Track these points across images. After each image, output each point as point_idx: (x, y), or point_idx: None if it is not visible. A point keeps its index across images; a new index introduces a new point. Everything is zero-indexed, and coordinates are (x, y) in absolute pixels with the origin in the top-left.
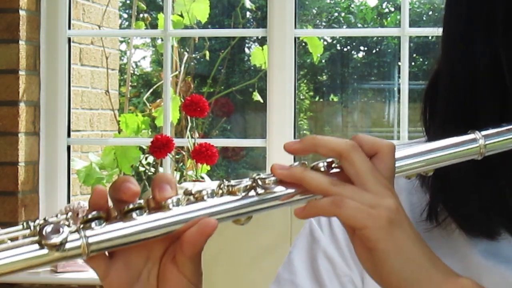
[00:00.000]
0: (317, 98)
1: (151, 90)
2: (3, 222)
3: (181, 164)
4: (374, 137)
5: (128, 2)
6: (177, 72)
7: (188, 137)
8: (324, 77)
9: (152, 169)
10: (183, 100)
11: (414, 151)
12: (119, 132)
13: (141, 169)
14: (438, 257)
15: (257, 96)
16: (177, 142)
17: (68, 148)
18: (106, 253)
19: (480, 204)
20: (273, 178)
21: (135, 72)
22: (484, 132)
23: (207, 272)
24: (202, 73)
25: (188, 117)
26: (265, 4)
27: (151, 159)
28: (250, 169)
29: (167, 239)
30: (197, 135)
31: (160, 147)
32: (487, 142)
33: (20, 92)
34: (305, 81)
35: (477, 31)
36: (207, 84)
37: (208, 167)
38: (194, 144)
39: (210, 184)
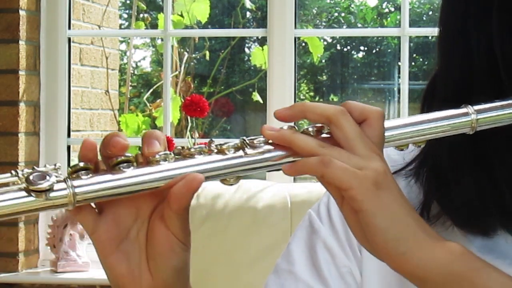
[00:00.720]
0: (317, 98)
1: (151, 90)
2: (3, 222)
3: None
4: (363, 104)
5: (128, 2)
6: (177, 72)
7: (188, 137)
8: (324, 77)
9: None
10: (183, 100)
11: (406, 122)
12: None
13: None
14: (426, 223)
15: (257, 96)
16: (177, 142)
17: (68, 148)
18: (94, 207)
19: (476, 201)
20: (262, 139)
21: (135, 72)
22: (476, 107)
23: (207, 272)
24: (202, 73)
25: (188, 117)
26: (265, 4)
27: None
28: None
29: (155, 197)
30: (197, 135)
31: None
32: (479, 117)
33: (20, 92)
34: (305, 81)
35: (473, 27)
36: (207, 84)
37: None
38: (194, 144)
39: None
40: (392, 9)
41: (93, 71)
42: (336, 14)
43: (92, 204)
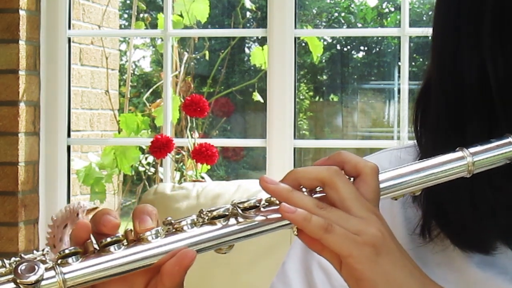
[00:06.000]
0: (317, 98)
1: (151, 90)
2: (3, 222)
3: (181, 164)
4: (357, 156)
5: (128, 2)
6: (177, 72)
7: (188, 137)
8: (324, 77)
9: (152, 169)
10: (183, 100)
11: (401, 172)
12: (119, 132)
13: (141, 169)
14: (429, 279)
15: (257, 96)
16: (177, 142)
17: (68, 148)
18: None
19: (473, 220)
20: (253, 202)
21: (135, 72)
22: (472, 149)
23: (207, 272)
24: (202, 73)
25: (188, 117)
26: (265, 4)
27: (151, 159)
28: (250, 169)
29: (148, 272)
30: (197, 135)
31: (160, 147)
32: (475, 160)
33: (20, 92)
34: (305, 81)
35: (465, 44)
36: (207, 84)
37: (208, 167)
38: (194, 144)
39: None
40: (392, 9)
41: (93, 71)
42: (336, 14)
43: None
